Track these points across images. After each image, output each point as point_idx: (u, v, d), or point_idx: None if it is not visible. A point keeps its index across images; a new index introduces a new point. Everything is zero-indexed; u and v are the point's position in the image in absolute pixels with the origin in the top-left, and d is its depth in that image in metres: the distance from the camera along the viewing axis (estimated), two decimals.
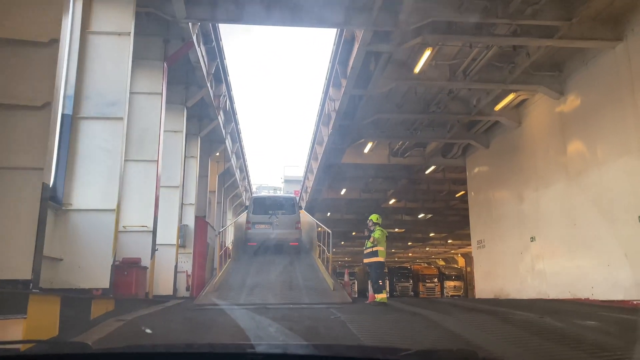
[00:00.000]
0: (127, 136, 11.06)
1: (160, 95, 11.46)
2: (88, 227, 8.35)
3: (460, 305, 10.95)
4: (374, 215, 11.09)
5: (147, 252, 10.74)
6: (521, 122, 17.23)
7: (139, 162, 11.19)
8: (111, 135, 8.80)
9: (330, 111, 17.21)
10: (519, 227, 17.26)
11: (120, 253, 10.37)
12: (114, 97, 8.91)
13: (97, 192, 8.54)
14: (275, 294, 11.30)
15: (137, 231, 10.84)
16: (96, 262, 8.20)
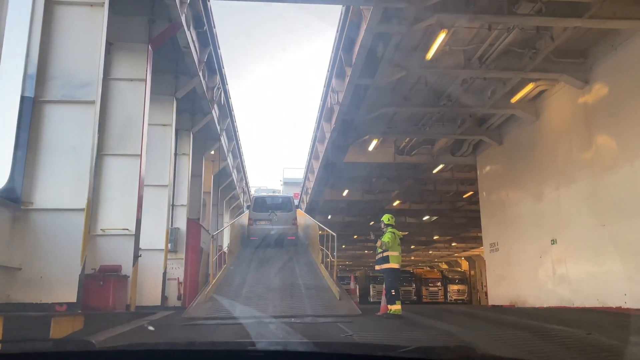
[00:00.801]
0: (106, 127, 9.84)
1: (143, 81, 10.19)
2: (52, 230, 7.06)
3: (482, 317, 9.68)
4: (385, 216, 9.82)
5: (128, 258, 9.45)
6: (539, 116, 15.97)
7: (119, 157, 9.92)
8: (81, 122, 7.53)
9: (333, 104, 15.94)
10: (538, 229, 15.97)
11: (97, 260, 9.13)
12: (84, 78, 7.64)
13: (64, 188, 7.26)
14: (274, 305, 10.05)
15: (117, 235, 9.56)
16: (62, 271, 6.91)
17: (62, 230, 7.07)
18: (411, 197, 27.45)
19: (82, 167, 7.35)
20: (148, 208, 11.78)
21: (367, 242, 45.52)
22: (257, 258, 15.66)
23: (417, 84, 14.99)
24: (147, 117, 10.27)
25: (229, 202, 30.13)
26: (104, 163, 9.87)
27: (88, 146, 7.43)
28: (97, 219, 9.60)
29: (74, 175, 7.31)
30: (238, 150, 24.91)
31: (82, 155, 7.39)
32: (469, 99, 15.83)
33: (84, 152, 7.40)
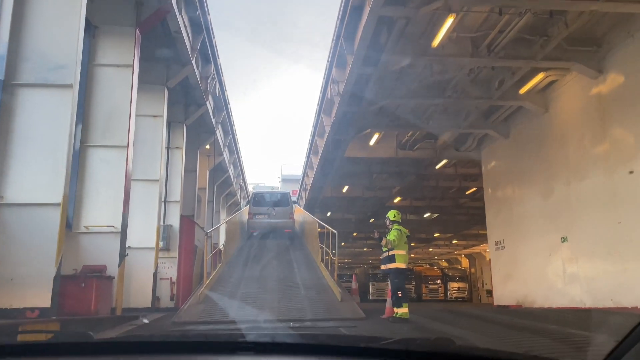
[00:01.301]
0: (91, 117, 9.14)
1: (131, 67, 9.47)
2: (25, 227, 6.38)
3: (495, 321, 9.00)
4: (391, 212, 9.13)
5: (114, 257, 8.76)
6: (548, 108, 15.27)
7: (104, 149, 9.22)
8: (57, 108, 6.82)
9: (334, 96, 15.22)
10: (547, 226, 15.30)
11: (80, 259, 8.46)
12: (61, 60, 6.93)
13: (38, 181, 6.56)
14: (272, 307, 9.38)
15: (102, 232, 8.87)
16: (35, 273, 6.23)
17: (35, 227, 6.38)
18: (412, 193, 26.77)
19: (58, 157, 6.64)
20: (137, 204, 11.12)
21: (367, 239, 44.93)
22: (254, 257, 15.00)
23: (422, 75, 14.27)
24: (134, 106, 9.55)
25: (226, 199, 29.41)
26: (87, 155, 9.18)
27: (65, 134, 6.71)
28: (80, 215, 8.91)
29: (50, 166, 6.61)
30: (235, 145, 24.18)
31: (59, 144, 6.68)
32: (476, 90, 15.15)
33: (60, 141, 6.69)
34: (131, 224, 10.94)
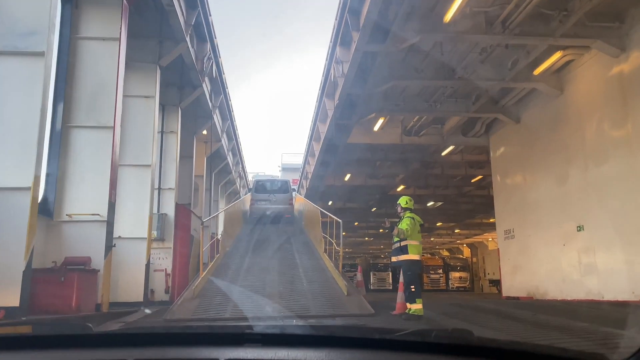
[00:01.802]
0: (74, 95, 8.33)
1: (117, 41, 8.64)
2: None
3: (516, 318, 8.24)
4: (403, 198, 8.35)
5: (99, 248, 8.00)
6: (563, 90, 14.44)
7: (88, 130, 8.41)
8: (27, 79, 6.01)
9: (337, 77, 14.39)
10: (561, 215, 14.54)
11: (62, 251, 7.71)
12: (31, 25, 6.12)
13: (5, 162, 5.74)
14: (272, 302, 8.62)
15: (86, 221, 8.09)
16: (1, 267, 5.41)
17: (1, 214, 5.59)
18: (416, 181, 26.01)
19: (28, 135, 5.84)
20: (128, 191, 10.39)
21: (369, 229, 44.30)
22: (253, 247, 14.25)
23: (431, 54, 13.43)
24: (121, 83, 8.75)
25: (225, 188, 28.63)
26: (70, 136, 8.38)
27: (36, 109, 5.91)
28: (63, 203, 8.14)
29: (18, 145, 5.81)
30: (233, 132, 23.34)
31: (29, 120, 5.88)
32: (487, 71, 14.31)
33: (31, 116, 5.89)
34: (121, 212, 10.22)
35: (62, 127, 8.31)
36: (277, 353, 1.20)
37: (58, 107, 8.42)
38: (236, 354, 1.22)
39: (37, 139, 5.88)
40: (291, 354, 1.20)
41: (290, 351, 1.23)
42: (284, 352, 1.21)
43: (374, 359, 1.21)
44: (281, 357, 1.18)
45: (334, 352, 1.23)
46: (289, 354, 1.19)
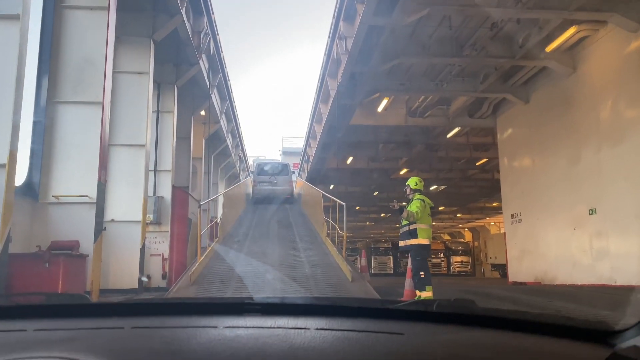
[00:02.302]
0: (60, 68, 7.79)
1: (105, 10, 8.04)
2: None
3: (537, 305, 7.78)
4: (412, 179, 7.82)
5: (89, 232, 7.51)
6: (576, 68, 13.84)
7: (76, 105, 7.85)
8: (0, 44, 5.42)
9: (340, 54, 13.76)
10: (571, 198, 14.06)
11: (48, 234, 7.23)
12: None
13: None
14: (273, 289, 8.15)
15: (74, 203, 7.58)
16: None
17: None
18: (420, 164, 25.46)
19: (2, 106, 5.29)
20: (121, 172, 9.89)
21: (370, 213, 43.91)
22: (253, 231, 13.79)
23: (440, 28, 12.84)
24: (111, 56, 8.17)
25: (224, 171, 28.10)
26: (56, 113, 7.83)
27: (11, 76, 5.36)
28: (49, 183, 7.63)
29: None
30: (233, 113, 22.72)
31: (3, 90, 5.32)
32: (497, 47, 13.72)
33: (4, 85, 5.33)
34: (114, 194, 9.74)
35: (47, 102, 7.77)
36: (277, 321, 1.19)
37: (43, 81, 7.87)
38: (235, 323, 1.20)
39: (12, 110, 5.34)
40: (291, 322, 1.19)
41: (290, 319, 1.21)
42: (283, 321, 1.20)
43: (376, 327, 1.17)
44: (281, 324, 1.16)
45: (334, 320, 1.21)
46: (288, 322, 1.18)
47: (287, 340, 1.03)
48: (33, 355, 0.89)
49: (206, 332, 1.12)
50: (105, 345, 1.00)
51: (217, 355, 0.95)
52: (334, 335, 1.09)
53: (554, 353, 1.00)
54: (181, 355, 0.94)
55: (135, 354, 0.94)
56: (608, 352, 0.90)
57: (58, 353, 0.88)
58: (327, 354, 0.97)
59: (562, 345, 1.04)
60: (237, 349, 0.98)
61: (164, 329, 1.17)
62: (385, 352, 0.98)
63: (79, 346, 0.94)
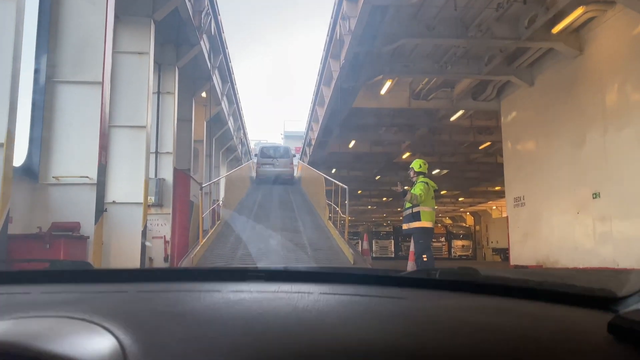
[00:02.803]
0: (58, 47, 7.67)
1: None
2: None
3: None
4: (416, 162, 7.74)
5: (89, 213, 7.45)
6: (583, 50, 13.63)
7: (75, 85, 7.73)
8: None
9: (343, 35, 13.57)
10: (575, 181, 13.95)
11: (49, 216, 7.18)
12: None
13: None
14: None
15: (74, 184, 7.52)
16: None
17: None
18: (423, 148, 25.33)
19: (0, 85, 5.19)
20: (121, 153, 9.81)
21: (372, 197, 43.92)
22: (255, 215, 13.76)
23: (445, 9, 12.62)
24: (110, 35, 8.03)
25: (226, 154, 28.01)
26: (55, 92, 7.72)
27: (8, 55, 5.24)
28: (49, 164, 7.56)
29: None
30: (234, 95, 22.55)
31: (1, 67, 5.21)
32: (503, 29, 13.49)
33: (2, 62, 5.22)
34: (115, 176, 9.68)
35: (46, 82, 7.66)
36: (281, 287, 1.20)
37: (42, 60, 7.75)
38: (239, 288, 1.22)
39: (9, 90, 5.23)
40: (294, 287, 1.20)
41: (294, 285, 1.23)
42: (287, 286, 1.20)
43: (379, 292, 1.18)
44: (284, 290, 1.17)
45: (338, 286, 1.23)
46: (292, 288, 1.19)
47: (291, 303, 1.04)
48: (39, 314, 0.89)
49: (210, 296, 1.13)
50: (110, 307, 1.01)
51: (221, 317, 0.96)
52: (337, 299, 1.10)
53: (556, 318, 1.00)
54: (185, 316, 0.95)
55: (139, 315, 0.95)
56: (611, 317, 0.88)
57: (64, 313, 0.88)
58: (330, 316, 0.98)
59: (565, 310, 1.04)
60: (241, 311, 1.00)
61: (168, 293, 1.18)
62: (388, 315, 1.00)
63: (85, 307, 0.95)
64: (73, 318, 0.86)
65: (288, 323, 0.92)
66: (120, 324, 0.83)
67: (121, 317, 0.87)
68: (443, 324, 0.94)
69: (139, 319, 0.91)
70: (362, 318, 0.97)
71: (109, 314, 0.88)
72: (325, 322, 0.94)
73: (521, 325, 0.94)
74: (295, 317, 0.95)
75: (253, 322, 0.92)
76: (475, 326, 0.93)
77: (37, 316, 0.88)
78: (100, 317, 0.86)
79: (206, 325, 0.90)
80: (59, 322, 0.85)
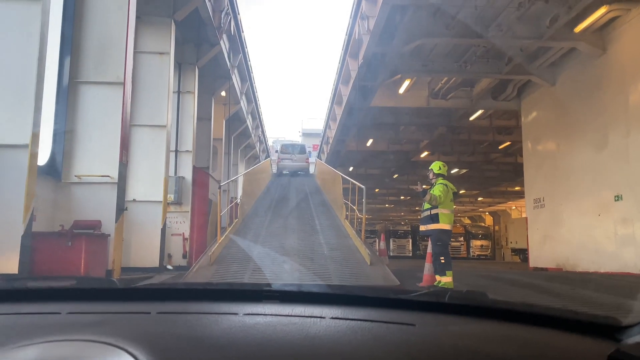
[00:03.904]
0: (81, 48, 7.79)
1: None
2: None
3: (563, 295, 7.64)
4: (436, 164, 7.70)
5: (110, 211, 7.59)
6: (606, 49, 13.40)
7: (97, 86, 7.87)
8: (23, 23, 5.44)
9: (362, 35, 13.56)
10: (597, 183, 13.73)
11: (71, 214, 7.33)
12: None
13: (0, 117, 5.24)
14: (292, 271, 8.15)
15: (96, 182, 7.65)
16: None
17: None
18: (441, 147, 25.16)
19: (25, 86, 5.32)
20: (142, 152, 9.95)
21: (389, 195, 43.74)
22: (273, 212, 13.82)
23: (464, 9, 12.50)
24: (132, 36, 8.15)
25: (244, 152, 28.18)
26: (79, 93, 7.87)
27: (33, 59, 5.36)
28: (71, 163, 7.71)
29: (15, 98, 5.29)
30: (253, 94, 22.67)
31: (26, 71, 5.34)
32: (524, 28, 13.32)
33: (28, 67, 5.34)
34: (135, 174, 9.83)
35: (69, 82, 7.80)
36: (294, 309, 1.24)
37: (65, 61, 7.90)
38: (255, 309, 1.26)
39: (34, 91, 5.36)
40: (308, 310, 1.24)
41: (307, 307, 1.26)
42: (300, 309, 1.25)
43: (389, 317, 1.21)
44: (298, 312, 1.21)
45: (349, 309, 1.26)
46: (305, 310, 1.23)
47: (304, 329, 1.07)
48: (68, 337, 0.94)
49: (227, 319, 1.16)
50: (133, 329, 1.05)
51: (237, 342, 0.99)
52: (348, 324, 1.13)
53: (559, 346, 1.02)
54: (204, 341, 0.99)
55: (162, 339, 0.98)
56: (613, 348, 0.90)
57: (90, 336, 0.93)
58: (341, 344, 1.00)
59: (568, 339, 1.06)
60: (256, 336, 1.02)
61: (187, 315, 1.21)
62: (396, 343, 1.02)
63: (109, 330, 0.99)
64: (99, 342, 0.90)
65: (300, 351, 0.96)
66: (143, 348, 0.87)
67: (144, 341, 0.92)
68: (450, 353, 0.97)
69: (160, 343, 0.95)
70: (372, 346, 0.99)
71: (132, 338, 0.93)
72: (335, 350, 0.97)
73: (525, 355, 0.96)
74: (307, 345, 0.99)
75: (267, 348, 0.96)
76: (481, 356, 0.95)
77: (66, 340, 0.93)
78: (124, 340, 0.90)
79: (223, 350, 0.94)
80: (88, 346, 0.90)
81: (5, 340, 0.94)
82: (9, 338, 0.95)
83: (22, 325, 1.11)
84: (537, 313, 1.22)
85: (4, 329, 1.08)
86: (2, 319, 1.17)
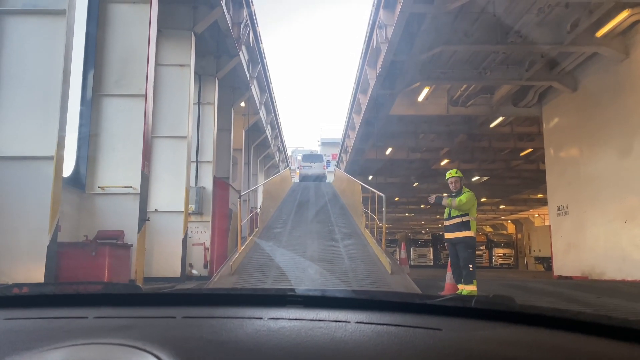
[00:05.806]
0: (104, 62, 7.94)
1: (148, 4, 8.15)
2: (10, 186, 5.23)
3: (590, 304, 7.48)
4: (453, 170, 7.64)
5: (133, 222, 7.69)
6: (629, 53, 13.20)
7: (119, 98, 8.01)
8: (48, 38, 5.59)
9: (380, 44, 13.57)
10: (623, 189, 13.47)
11: (95, 224, 7.43)
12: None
13: (26, 129, 5.38)
14: (313, 280, 8.14)
15: (119, 193, 7.77)
16: (24, 241, 5.09)
17: (24, 186, 5.25)
18: (462, 155, 24.94)
19: (51, 100, 5.44)
20: (163, 163, 10.08)
21: (409, 204, 43.47)
22: (292, 222, 13.84)
23: (483, 15, 12.45)
24: (153, 48, 8.29)
25: (264, 162, 28.35)
26: (102, 106, 8.02)
27: (58, 73, 5.50)
28: (95, 175, 7.84)
29: (40, 112, 5.42)
30: (272, 104, 22.82)
31: (51, 84, 5.47)
32: (544, 34, 13.19)
33: (53, 81, 5.48)
34: (157, 185, 9.96)
35: (92, 95, 7.97)
36: (319, 314, 1.22)
37: (88, 75, 8.08)
38: (279, 314, 1.25)
39: (59, 104, 5.49)
40: (332, 315, 1.22)
41: (331, 312, 1.24)
42: (325, 313, 1.23)
43: (415, 322, 1.18)
44: (322, 317, 1.19)
45: (374, 314, 1.24)
46: (329, 315, 1.21)
47: (329, 333, 1.06)
48: (95, 341, 0.95)
49: (252, 323, 1.16)
50: (159, 333, 1.05)
51: (262, 346, 0.98)
52: (373, 329, 1.11)
53: (590, 351, 0.99)
54: (229, 345, 0.99)
55: (187, 343, 0.98)
56: None
57: (117, 340, 0.93)
58: (367, 348, 0.99)
59: (599, 344, 1.03)
60: (281, 340, 1.01)
61: (212, 319, 1.22)
62: (424, 347, 1.00)
63: (136, 334, 1.00)
64: (125, 345, 0.91)
65: (326, 354, 0.94)
66: (169, 351, 0.87)
67: (170, 345, 0.92)
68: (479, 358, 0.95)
69: (186, 347, 0.95)
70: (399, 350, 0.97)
71: (158, 341, 0.93)
72: (362, 354, 0.95)
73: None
74: (333, 348, 0.97)
75: (292, 352, 0.95)
76: None
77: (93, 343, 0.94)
78: (151, 344, 0.91)
79: (249, 354, 0.94)
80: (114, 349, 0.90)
81: (34, 344, 0.95)
82: (38, 342, 0.96)
83: (50, 330, 1.11)
84: (568, 318, 1.19)
85: (32, 333, 1.09)
86: (30, 324, 1.18)
